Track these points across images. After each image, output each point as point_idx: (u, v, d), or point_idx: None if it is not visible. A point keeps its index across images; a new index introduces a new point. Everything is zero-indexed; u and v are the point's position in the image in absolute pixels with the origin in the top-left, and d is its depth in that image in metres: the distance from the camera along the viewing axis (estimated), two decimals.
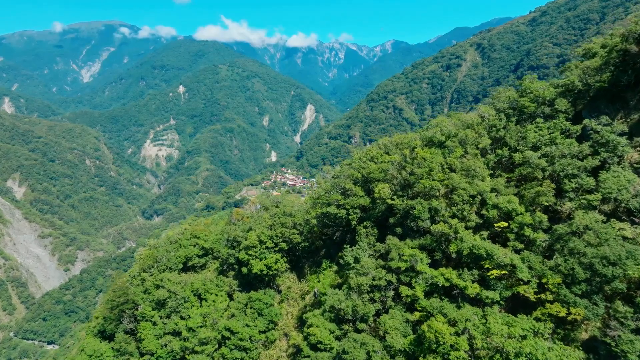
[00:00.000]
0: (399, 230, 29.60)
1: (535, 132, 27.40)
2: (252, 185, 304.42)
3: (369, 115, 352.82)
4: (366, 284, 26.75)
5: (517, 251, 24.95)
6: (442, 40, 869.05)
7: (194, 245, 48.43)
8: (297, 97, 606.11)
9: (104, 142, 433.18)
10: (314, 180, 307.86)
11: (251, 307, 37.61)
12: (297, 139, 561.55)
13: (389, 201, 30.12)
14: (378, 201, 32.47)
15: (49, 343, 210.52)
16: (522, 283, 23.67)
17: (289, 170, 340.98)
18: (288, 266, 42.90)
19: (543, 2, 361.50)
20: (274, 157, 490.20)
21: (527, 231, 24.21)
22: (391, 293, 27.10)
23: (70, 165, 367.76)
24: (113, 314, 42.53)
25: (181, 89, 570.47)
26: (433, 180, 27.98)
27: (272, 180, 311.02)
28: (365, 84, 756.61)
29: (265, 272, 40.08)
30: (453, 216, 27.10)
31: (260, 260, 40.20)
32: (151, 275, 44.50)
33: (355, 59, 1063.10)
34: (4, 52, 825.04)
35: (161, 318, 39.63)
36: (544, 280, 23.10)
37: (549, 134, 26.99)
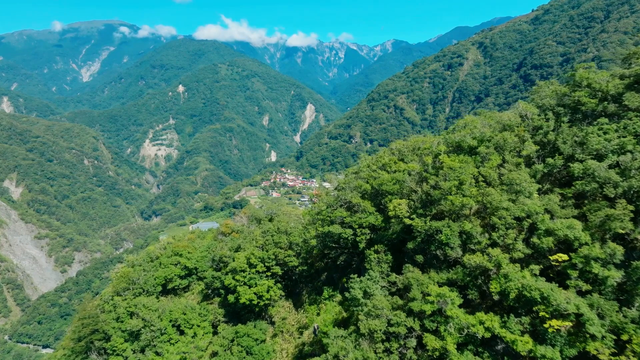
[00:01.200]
0: (419, 258, 23.90)
1: (599, 136, 21.34)
2: (251, 185, 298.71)
3: (369, 114, 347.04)
4: (380, 330, 20.88)
5: (582, 293, 19.02)
6: (442, 40, 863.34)
7: (176, 265, 42.24)
8: (297, 96, 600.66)
9: (102, 142, 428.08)
10: (314, 180, 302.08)
11: (238, 344, 31.59)
12: (297, 138, 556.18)
13: (407, 221, 24.38)
14: (393, 220, 26.76)
15: (44, 347, 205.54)
16: (590, 337, 17.69)
17: (289, 171, 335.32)
18: (283, 293, 36.66)
19: (545, 1, 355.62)
20: (273, 157, 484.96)
21: (596, 267, 18.21)
22: (413, 342, 20.92)
23: (68, 165, 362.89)
24: (79, 345, 36.71)
25: (180, 88, 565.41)
26: (464, 196, 22.16)
27: (272, 181, 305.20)
28: (365, 84, 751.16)
29: (255, 303, 33.94)
30: (492, 244, 21.20)
31: (250, 287, 34.07)
32: (124, 300, 38.61)
33: (355, 58, 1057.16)
34: (4, 52, 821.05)
35: (134, 352, 33.65)
36: (623, 337, 17.16)
37: (618, 138, 20.98)
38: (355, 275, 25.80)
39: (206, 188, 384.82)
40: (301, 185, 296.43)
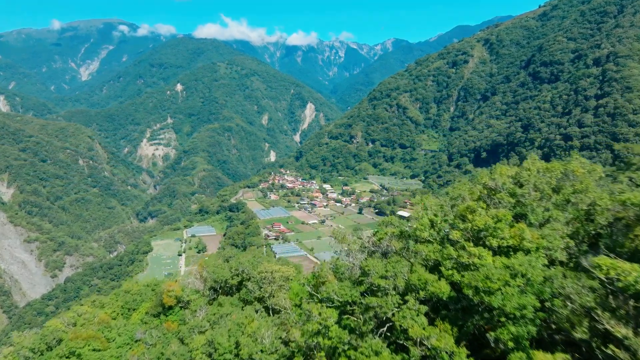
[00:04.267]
0: None
1: None
2: (248, 187, 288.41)
3: (371, 114, 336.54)
4: None
5: None
6: (443, 39, 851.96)
7: None
8: (297, 95, 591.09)
9: (98, 142, 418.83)
10: (314, 181, 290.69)
11: None
12: (297, 138, 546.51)
13: None
14: None
15: None
16: None
17: (288, 172, 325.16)
18: None
19: None
20: (273, 156, 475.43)
21: None
22: None
23: (62, 165, 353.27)
24: None
25: (179, 87, 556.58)
26: None
27: (270, 182, 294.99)
28: (366, 83, 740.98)
29: None
30: None
31: None
32: None
33: (355, 57, 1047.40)
34: (2, 51, 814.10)
35: None
36: None
37: None
38: None
39: (204, 189, 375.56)
40: (301, 187, 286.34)
